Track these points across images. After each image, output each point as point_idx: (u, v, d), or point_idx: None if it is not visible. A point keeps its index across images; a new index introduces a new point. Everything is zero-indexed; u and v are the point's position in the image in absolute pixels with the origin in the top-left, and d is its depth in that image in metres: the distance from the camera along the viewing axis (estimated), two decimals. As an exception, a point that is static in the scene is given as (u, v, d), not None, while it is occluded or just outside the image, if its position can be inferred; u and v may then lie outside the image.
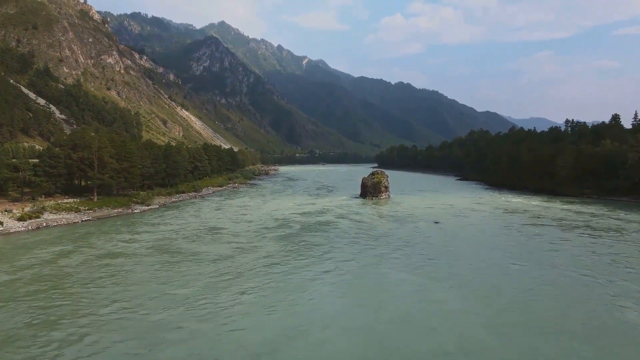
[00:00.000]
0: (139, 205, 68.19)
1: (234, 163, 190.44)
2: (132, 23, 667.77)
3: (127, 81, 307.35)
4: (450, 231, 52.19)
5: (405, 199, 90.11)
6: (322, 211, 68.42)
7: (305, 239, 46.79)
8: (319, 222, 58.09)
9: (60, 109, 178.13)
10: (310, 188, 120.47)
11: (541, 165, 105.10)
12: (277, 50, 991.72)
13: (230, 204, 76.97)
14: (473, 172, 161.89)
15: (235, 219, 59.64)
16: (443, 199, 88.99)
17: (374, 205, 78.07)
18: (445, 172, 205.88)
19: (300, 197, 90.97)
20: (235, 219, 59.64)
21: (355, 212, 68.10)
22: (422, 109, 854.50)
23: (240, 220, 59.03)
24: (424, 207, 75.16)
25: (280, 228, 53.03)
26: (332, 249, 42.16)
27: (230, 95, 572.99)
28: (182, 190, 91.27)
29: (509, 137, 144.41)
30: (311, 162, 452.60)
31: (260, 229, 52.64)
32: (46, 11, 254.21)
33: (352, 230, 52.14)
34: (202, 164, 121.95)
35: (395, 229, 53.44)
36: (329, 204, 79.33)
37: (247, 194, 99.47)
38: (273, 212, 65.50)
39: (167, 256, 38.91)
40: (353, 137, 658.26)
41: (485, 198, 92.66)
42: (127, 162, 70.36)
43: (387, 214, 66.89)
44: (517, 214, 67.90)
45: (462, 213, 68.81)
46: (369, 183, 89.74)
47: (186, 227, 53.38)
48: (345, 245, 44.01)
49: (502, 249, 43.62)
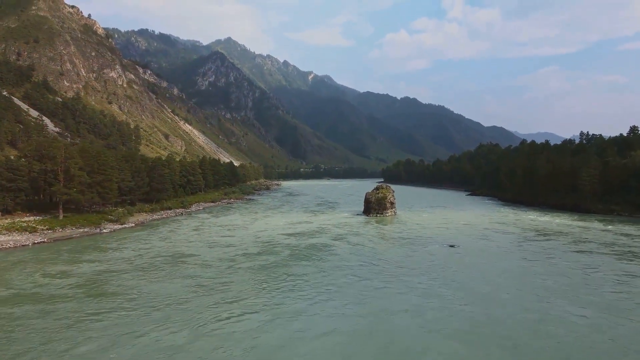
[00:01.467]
0: (111, 224, 60.40)
1: (234, 177, 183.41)
2: (139, 39, 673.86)
3: (130, 95, 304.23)
4: (472, 259, 42.73)
5: (413, 216, 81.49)
6: (317, 231, 60.01)
7: (290, 271, 37.37)
8: (311, 246, 49.25)
9: (55, 122, 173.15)
10: (310, 204, 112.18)
11: (561, 179, 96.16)
12: (283, 66, 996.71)
13: (215, 223, 68.61)
14: (484, 186, 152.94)
15: (212, 242, 50.78)
16: (456, 217, 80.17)
17: (378, 224, 69.45)
18: (454, 187, 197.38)
19: (296, 215, 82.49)
20: (212, 242, 50.78)
21: (355, 232, 59.83)
22: (428, 124, 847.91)
23: (218, 243, 50.09)
24: (435, 226, 66.39)
25: (263, 255, 43.84)
26: (321, 289, 31.90)
27: (235, 110, 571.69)
28: (169, 207, 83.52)
29: (523, 150, 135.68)
30: (316, 177, 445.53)
31: (238, 256, 43.31)
32: (48, 25, 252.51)
33: (350, 259, 42.62)
34: (196, 178, 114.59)
35: (403, 255, 44.36)
36: (327, 222, 70.86)
37: (239, 210, 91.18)
38: (260, 233, 57.21)
39: (90, 302, 28.74)
40: (359, 152, 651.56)
41: (505, 215, 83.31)
42: (101, 175, 62.88)
43: (393, 234, 58.36)
44: (552, 236, 57.35)
45: (482, 234, 59.56)
46: (373, 198, 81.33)
47: (148, 253, 44.41)
48: (338, 283, 33.75)
49: (556, 289, 31.99)
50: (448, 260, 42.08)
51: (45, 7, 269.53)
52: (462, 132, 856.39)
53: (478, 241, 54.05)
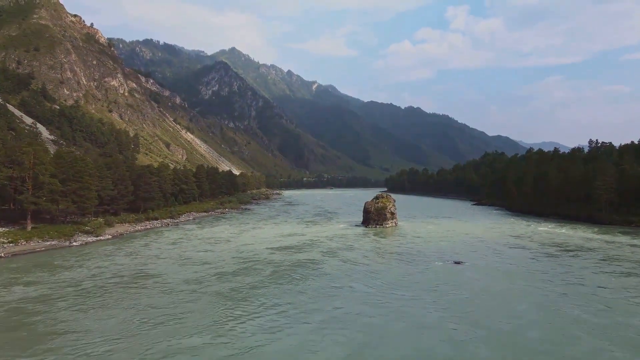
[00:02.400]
0: (85, 236, 55.55)
1: (232, 187, 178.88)
2: (143, 49, 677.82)
3: (131, 104, 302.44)
4: (484, 281, 36.29)
5: (415, 227, 76.06)
6: (308, 245, 54.63)
7: (265, 298, 30.86)
8: (297, 263, 43.51)
9: (51, 130, 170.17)
10: (308, 214, 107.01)
11: (574, 188, 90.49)
12: (287, 76, 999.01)
13: (198, 235, 63.19)
14: (491, 196, 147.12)
15: (186, 259, 44.92)
16: (462, 228, 74.51)
17: (376, 237, 63.98)
18: (458, 197, 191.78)
19: (289, 226, 77.17)
20: (186, 259, 44.92)
21: (350, 246, 54.18)
22: (433, 133, 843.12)
23: (192, 260, 44.19)
24: (438, 239, 60.87)
25: (239, 275, 37.77)
26: (297, 325, 25.78)
27: (238, 119, 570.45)
28: (155, 217, 78.66)
29: (531, 158, 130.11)
30: (319, 187, 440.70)
31: (209, 277, 37.19)
32: (50, 33, 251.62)
33: (339, 280, 36.35)
34: (189, 186, 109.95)
35: (401, 275, 38.48)
36: (321, 234, 65.56)
37: (230, 221, 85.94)
38: (244, 247, 51.69)
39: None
40: (362, 162, 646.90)
41: (516, 227, 77.19)
42: (77, 183, 58.26)
43: (392, 249, 52.83)
44: (576, 251, 50.05)
45: (493, 249, 53.20)
46: (372, 208, 76.06)
47: (105, 272, 38.30)
48: (321, 317, 27.22)
49: (597, 326, 25.57)
50: (455, 282, 36.24)
51: (47, 15, 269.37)
52: (467, 141, 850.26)
53: (488, 257, 47.82)
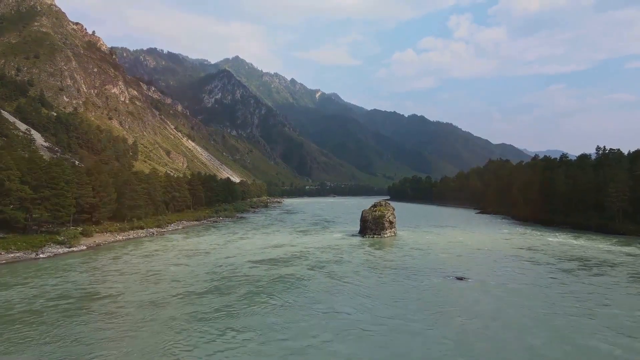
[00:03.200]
0: (57, 247, 51.50)
1: (231, 194, 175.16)
2: (147, 58, 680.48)
3: (132, 111, 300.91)
4: (492, 302, 31.17)
5: (415, 237, 71.49)
6: (297, 257, 50.16)
7: (229, 324, 25.88)
8: (279, 279, 38.78)
9: (46, 137, 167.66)
10: (304, 223, 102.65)
11: (584, 196, 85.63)
12: (291, 84, 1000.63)
13: (179, 246, 58.57)
14: (495, 204, 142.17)
15: (154, 274, 39.97)
16: (465, 239, 69.79)
17: (372, 248, 59.39)
18: (462, 205, 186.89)
19: (282, 235, 72.72)
20: (154, 274, 39.97)
21: (342, 259, 49.54)
22: (436, 141, 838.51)
23: (161, 276, 39.29)
24: (439, 251, 56.21)
25: (208, 294, 32.63)
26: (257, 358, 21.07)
27: (241, 127, 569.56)
28: (141, 226, 74.57)
29: (538, 165, 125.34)
30: (321, 195, 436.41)
31: (173, 297, 31.84)
32: (50, 41, 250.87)
33: (323, 301, 31.40)
34: (182, 194, 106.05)
35: (396, 295, 33.51)
36: (313, 244, 61.11)
37: (220, 230, 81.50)
38: (225, 260, 47.18)
39: None
40: (365, 169, 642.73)
41: (525, 237, 72.08)
42: (52, 190, 54.42)
43: (387, 262, 48.26)
44: (599, 267, 44.36)
45: (501, 263, 48.09)
46: (370, 217, 71.64)
47: (54, 290, 33.38)
48: (290, 351, 22.24)
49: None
50: (457, 303, 31.13)
51: (49, 23, 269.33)
52: (470, 149, 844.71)
53: (496, 273, 42.57)
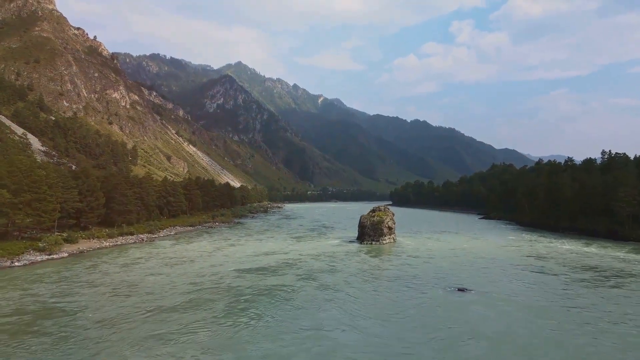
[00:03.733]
0: (37, 254, 48.92)
1: (230, 199, 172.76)
2: (150, 63, 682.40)
3: (132, 116, 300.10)
4: (498, 320, 27.91)
5: (416, 244, 68.53)
6: (287, 265, 47.20)
7: (198, 348, 22.75)
8: (265, 290, 35.46)
9: (43, 141, 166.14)
10: (302, 228, 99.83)
11: (591, 201, 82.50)
12: (293, 89, 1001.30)
13: (165, 253, 55.10)
14: (499, 209, 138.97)
15: (127, 286, 36.39)
16: (469, 246, 66.71)
17: (369, 255, 56.43)
18: (465, 210, 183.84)
19: (276, 242, 69.79)
20: (127, 286, 36.39)
21: (334, 267, 46.33)
22: (439, 146, 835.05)
23: (134, 288, 35.67)
24: (441, 259, 53.20)
25: (180, 310, 29.31)
26: None
27: (243, 132, 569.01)
28: (131, 232, 71.96)
29: (542, 169, 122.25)
30: (323, 200, 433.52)
31: (139, 313, 28.66)
32: (51, 46, 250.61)
33: (308, 317, 28.39)
34: (177, 199, 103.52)
35: (390, 309, 30.25)
36: (308, 251, 58.23)
37: (213, 236, 78.46)
38: (209, 269, 43.99)
39: None
40: (368, 175, 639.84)
41: (532, 244, 68.71)
42: (32, 194, 51.97)
43: (384, 271, 45.09)
44: (619, 279, 40.79)
45: (507, 272, 44.69)
46: (368, 222, 68.77)
47: (6, 306, 29.71)
48: None
49: None
50: (458, 320, 27.79)
51: (50, 28, 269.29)
52: (473, 154, 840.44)
53: (502, 284, 39.06)
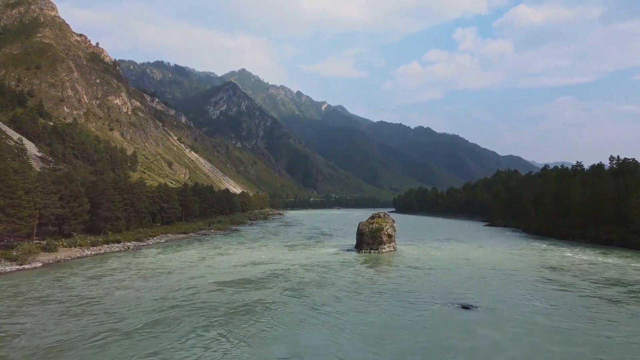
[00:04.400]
0: (7, 264, 45.50)
1: (229, 206, 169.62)
2: (154, 70, 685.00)
3: (134, 122, 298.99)
4: (511, 346, 24.04)
5: (417, 252, 64.60)
6: (275, 277, 43.04)
7: None
8: (243, 307, 31.29)
9: (40, 147, 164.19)
10: (298, 236, 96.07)
11: (603, 207, 78.26)
12: (297, 96, 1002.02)
13: (145, 264, 51.12)
14: (504, 216, 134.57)
15: (85, 303, 32.38)
16: (475, 255, 62.56)
17: (366, 265, 52.47)
18: (469, 217, 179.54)
19: (268, 250, 65.91)
20: (85, 303, 32.38)
21: (326, 279, 42.51)
22: (443, 153, 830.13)
23: (93, 304, 31.95)
24: (443, 269, 49.20)
25: (139, 333, 25.65)
26: None
27: (246, 139, 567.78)
28: (118, 240, 68.51)
29: (550, 175, 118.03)
30: (326, 207, 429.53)
31: (85, 337, 24.90)
32: (52, 52, 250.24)
33: (284, 341, 24.84)
34: (170, 205, 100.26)
35: (378, 330, 26.59)
36: (300, 261, 54.38)
37: (204, 244, 74.49)
38: (187, 282, 40.07)
39: None
40: (371, 181, 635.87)
41: (543, 254, 64.08)
42: (6, 199, 48.75)
43: (379, 284, 40.72)
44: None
45: (518, 286, 40.20)
46: (366, 230, 64.98)
47: None
48: None
49: None
50: (461, 343, 24.09)
51: (52, 35, 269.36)
52: (478, 161, 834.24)
53: (512, 300, 34.48)
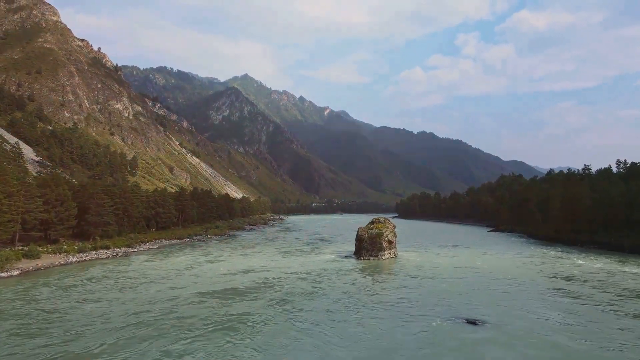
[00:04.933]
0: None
1: (229, 211, 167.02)
2: (157, 76, 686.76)
3: (135, 127, 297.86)
4: None
5: (419, 259, 61.49)
6: (264, 286, 40.32)
7: None
8: (222, 322, 28.36)
9: (38, 151, 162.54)
10: (296, 242, 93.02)
11: (613, 212, 74.93)
12: (299, 101, 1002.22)
13: (129, 271, 48.19)
14: (509, 221, 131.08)
15: (52, 314, 29.77)
16: (480, 262, 59.28)
17: (363, 273, 49.27)
18: (473, 222, 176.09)
19: (262, 257, 62.78)
20: (52, 314, 29.77)
21: (318, 290, 39.27)
22: (446, 158, 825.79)
23: (56, 320, 28.70)
24: (447, 279, 45.97)
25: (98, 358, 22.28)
26: None
27: (248, 143, 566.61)
28: (107, 246, 65.78)
29: (557, 179, 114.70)
30: (328, 212, 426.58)
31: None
32: (53, 57, 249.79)
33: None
34: (165, 210, 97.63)
35: (376, 347, 23.71)
36: (295, 269, 51.40)
37: (196, 251, 70.99)
38: (166, 293, 36.98)
39: None
40: (374, 186, 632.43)
41: (555, 261, 60.49)
42: (-15, 202, 46.25)
43: (376, 295, 37.39)
44: None
45: (528, 298, 36.41)
46: (366, 236, 61.97)
47: None
48: None
49: None
50: None
51: (53, 39, 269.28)
52: (481, 166, 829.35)
53: (524, 314, 30.82)
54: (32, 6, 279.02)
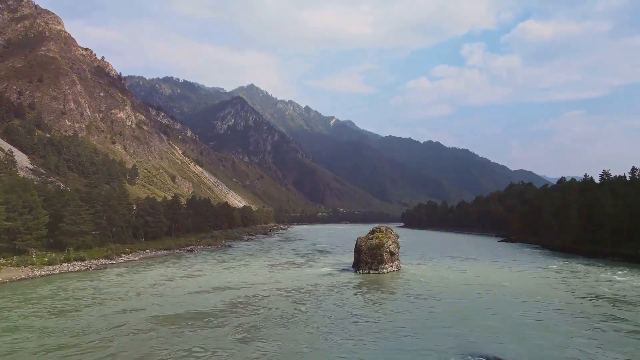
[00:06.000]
0: None
1: (228, 220, 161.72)
2: (163, 86, 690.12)
3: (137, 136, 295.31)
4: None
5: (425, 274, 55.08)
6: (241, 306, 34.40)
7: None
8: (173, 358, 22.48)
9: (33, 159, 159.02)
10: (293, 253, 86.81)
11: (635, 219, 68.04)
12: (305, 111, 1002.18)
13: (90, 288, 42.18)
14: (521, 231, 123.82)
15: None
16: (495, 277, 52.21)
17: (359, 290, 42.81)
18: (482, 232, 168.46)
19: (250, 270, 56.42)
20: None
21: (303, 312, 33.03)
22: (453, 167, 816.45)
23: None
24: (458, 299, 38.91)
25: None
26: None
27: (253, 153, 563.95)
28: (82, 257, 60.14)
29: (572, 186, 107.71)
30: (333, 222, 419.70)
31: None
32: (56, 65, 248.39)
33: None
34: (155, 219, 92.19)
35: None
36: (283, 284, 45.27)
37: (179, 263, 64.04)
38: (124, 316, 31.10)
39: None
40: (380, 196, 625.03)
41: (580, 277, 52.21)
42: None
43: (371, 321, 30.51)
44: None
45: (568, 327, 29.22)
46: (365, 246, 55.77)
47: None
48: None
49: None
50: None
51: (56, 48, 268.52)
52: (488, 176, 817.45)
53: (568, 351, 23.66)
54: (36, 15, 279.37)
